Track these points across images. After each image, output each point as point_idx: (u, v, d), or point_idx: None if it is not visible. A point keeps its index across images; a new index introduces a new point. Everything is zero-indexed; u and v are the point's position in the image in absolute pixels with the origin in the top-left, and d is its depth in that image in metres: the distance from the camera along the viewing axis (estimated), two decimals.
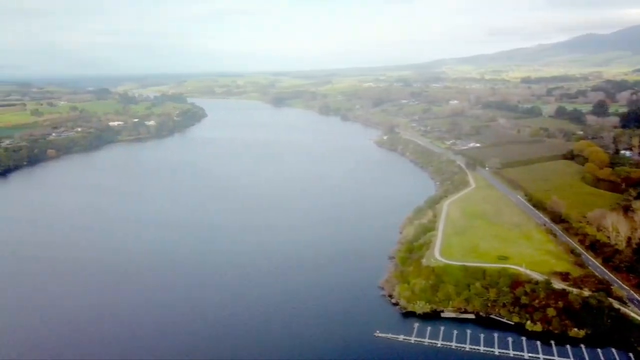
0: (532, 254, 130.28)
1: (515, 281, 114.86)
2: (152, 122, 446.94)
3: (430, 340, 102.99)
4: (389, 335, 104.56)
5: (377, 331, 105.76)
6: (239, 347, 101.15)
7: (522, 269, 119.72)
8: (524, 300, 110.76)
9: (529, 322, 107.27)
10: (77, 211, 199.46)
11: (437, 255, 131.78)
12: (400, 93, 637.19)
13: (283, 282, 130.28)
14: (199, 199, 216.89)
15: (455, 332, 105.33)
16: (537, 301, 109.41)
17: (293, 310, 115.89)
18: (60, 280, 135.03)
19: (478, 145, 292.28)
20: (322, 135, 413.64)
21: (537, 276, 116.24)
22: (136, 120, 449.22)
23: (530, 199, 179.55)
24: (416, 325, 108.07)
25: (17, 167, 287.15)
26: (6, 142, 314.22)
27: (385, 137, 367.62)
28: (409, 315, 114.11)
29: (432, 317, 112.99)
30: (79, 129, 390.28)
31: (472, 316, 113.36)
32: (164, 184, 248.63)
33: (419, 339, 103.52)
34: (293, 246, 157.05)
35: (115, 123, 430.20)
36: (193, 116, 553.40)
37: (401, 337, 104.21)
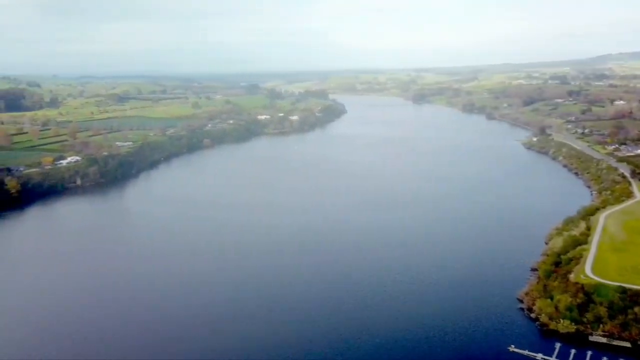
0: None
1: None
2: (295, 117, 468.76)
3: None
4: (526, 352, 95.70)
5: (512, 346, 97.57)
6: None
7: None
8: None
9: None
10: (231, 195, 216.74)
11: (588, 272, 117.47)
12: (555, 91, 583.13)
13: (418, 284, 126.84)
14: (331, 193, 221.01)
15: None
16: None
17: (425, 312, 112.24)
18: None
19: None
20: (464, 134, 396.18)
21: None
22: (281, 115, 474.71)
23: None
24: (558, 345, 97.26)
25: (177, 154, 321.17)
26: (170, 131, 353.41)
27: (534, 139, 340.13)
28: (550, 333, 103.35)
29: (577, 339, 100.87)
30: (231, 122, 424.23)
31: (627, 344, 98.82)
32: (302, 176, 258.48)
33: None
34: (429, 247, 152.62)
35: (263, 117, 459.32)
36: (333, 112, 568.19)
37: (539, 356, 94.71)
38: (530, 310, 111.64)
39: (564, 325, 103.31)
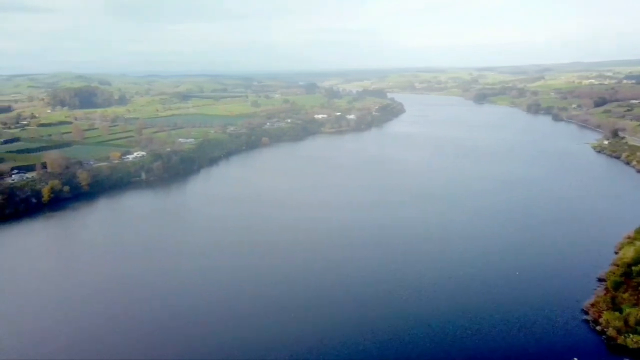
0: None
1: None
2: (352, 116, 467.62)
3: None
4: None
5: (575, 359, 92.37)
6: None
7: None
8: None
9: None
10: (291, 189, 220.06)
11: None
12: (630, 92, 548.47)
13: (479, 289, 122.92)
14: (391, 193, 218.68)
15: None
16: None
17: (484, 318, 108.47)
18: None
19: None
20: (528, 136, 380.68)
21: None
22: (338, 113, 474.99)
23: None
24: None
25: (237, 151, 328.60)
26: (231, 129, 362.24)
27: (606, 142, 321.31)
28: (617, 348, 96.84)
29: None
30: (289, 120, 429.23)
31: None
32: (360, 174, 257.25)
33: None
34: (490, 250, 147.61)
35: (320, 116, 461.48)
36: (391, 111, 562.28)
37: None
38: (596, 322, 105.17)
39: (634, 341, 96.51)
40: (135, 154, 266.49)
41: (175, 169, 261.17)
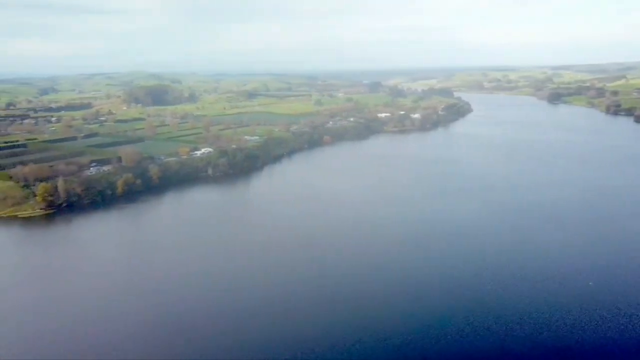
0: None
1: None
2: (417, 115, 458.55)
3: None
4: None
5: None
6: None
7: None
8: None
9: None
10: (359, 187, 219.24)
11: None
12: None
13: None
14: (452, 196, 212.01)
15: None
16: None
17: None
18: None
19: None
20: (608, 139, 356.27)
21: None
22: (402, 112, 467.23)
23: None
24: None
25: (299, 149, 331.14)
26: (294, 127, 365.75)
27: None
28: None
29: None
30: (352, 119, 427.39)
31: None
32: (421, 175, 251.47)
33: None
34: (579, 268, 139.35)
35: (383, 115, 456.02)
36: (458, 111, 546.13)
37: None
38: None
39: None
40: (202, 150, 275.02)
41: (239, 165, 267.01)
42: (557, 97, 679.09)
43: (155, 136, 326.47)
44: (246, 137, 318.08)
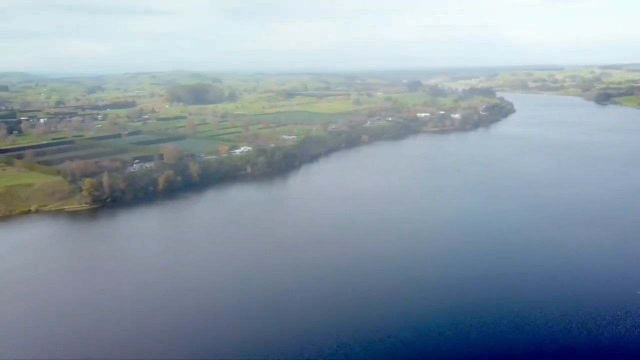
0: None
1: None
2: (457, 115, 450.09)
3: None
4: None
5: None
6: None
7: None
8: None
9: None
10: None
11: None
12: None
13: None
14: (494, 199, 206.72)
15: None
16: None
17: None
18: None
19: None
20: None
21: None
22: (442, 112, 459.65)
23: None
24: None
25: (336, 149, 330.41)
26: (331, 127, 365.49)
27: None
28: None
29: None
30: (390, 119, 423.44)
31: None
32: (462, 177, 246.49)
33: None
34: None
35: (422, 114, 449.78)
36: (500, 111, 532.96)
37: None
38: None
39: None
40: (241, 148, 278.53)
41: (277, 164, 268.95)
42: (606, 97, 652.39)
43: (196, 134, 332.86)
44: (284, 136, 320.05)
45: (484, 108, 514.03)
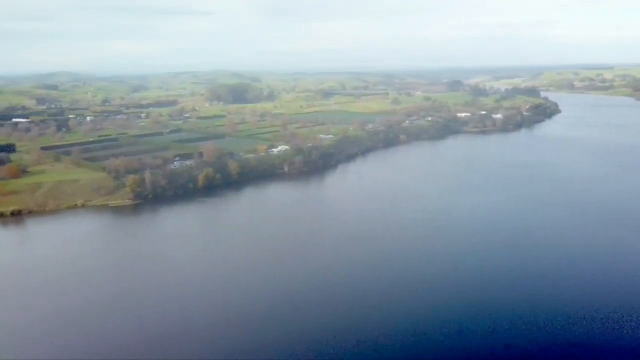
0: None
1: None
2: (498, 116, 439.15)
3: None
4: None
5: None
6: None
7: None
8: None
9: None
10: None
11: None
12: None
13: None
14: (540, 205, 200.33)
15: None
16: None
17: None
18: None
19: None
20: None
21: None
22: (483, 112, 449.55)
23: None
24: None
25: (373, 148, 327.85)
26: (369, 126, 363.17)
27: None
28: None
29: None
30: (429, 119, 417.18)
31: None
32: (505, 180, 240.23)
33: None
34: None
35: (463, 114, 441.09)
36: (544, 111, 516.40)
37: None
38: None
39: None
40: (279, 147, 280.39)
41: (314, 163, 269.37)
42: None
43: (235, 133, 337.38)
44: (321, 135, 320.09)
45: (528, 108, 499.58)
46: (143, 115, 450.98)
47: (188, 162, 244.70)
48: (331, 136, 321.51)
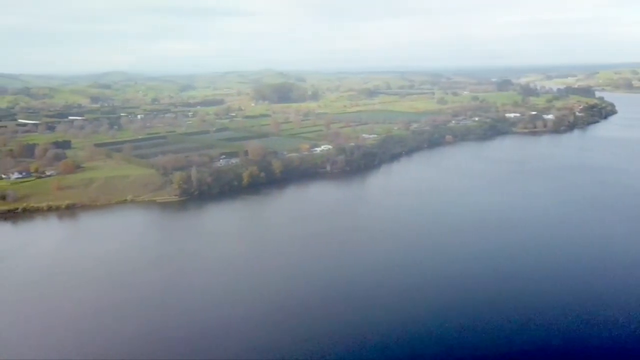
0: None
1: None
2: (550, 116, 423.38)
3: None
4: None
5: None
6: None
7: None
8: None
9: None
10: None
11: None
12: None
13: None
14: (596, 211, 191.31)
15: None
16: None
17: None
18: None
19: None
20: None
21: None
22: (534, 113, 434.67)
23: None
24: None
25: (418, 148, 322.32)
26: (414, 126, 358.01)
27: None
28: None
29: None
30: (476, 119, 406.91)
31: None
32: (557, 185, 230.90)
33: None
34: None
35: (512, 115, 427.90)
36: (599, 112, 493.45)
37: None
38: None
39: None
40: (322, 147, 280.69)
41: (357, 163, 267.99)
42: None
43: (279, 132, 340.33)
44: (364, 135, 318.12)
45: (581, 109, 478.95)
46: (190, 114, 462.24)
47: (233, 161, 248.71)
48: (374, 136, 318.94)
